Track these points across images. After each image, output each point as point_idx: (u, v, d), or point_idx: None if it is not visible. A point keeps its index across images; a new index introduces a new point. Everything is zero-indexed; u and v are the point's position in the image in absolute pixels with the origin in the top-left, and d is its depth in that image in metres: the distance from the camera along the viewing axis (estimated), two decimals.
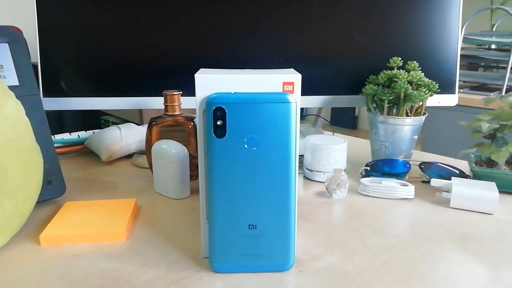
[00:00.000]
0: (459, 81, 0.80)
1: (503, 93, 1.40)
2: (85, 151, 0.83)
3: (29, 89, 0.61)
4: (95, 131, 0.83)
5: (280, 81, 0.41)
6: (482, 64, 1.61)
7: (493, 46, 1.58)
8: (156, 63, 0.73)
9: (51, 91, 0.72)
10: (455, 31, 0.75)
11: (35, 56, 0.73)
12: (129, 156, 0.80)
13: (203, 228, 0.45)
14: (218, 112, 0.39)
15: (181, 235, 0.51)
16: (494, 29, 1.65)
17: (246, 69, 0.45)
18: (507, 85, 1.41)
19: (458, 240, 0.50)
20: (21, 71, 0.60)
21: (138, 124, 0.82)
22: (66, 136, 0.80)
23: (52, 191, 0.59)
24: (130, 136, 0.77)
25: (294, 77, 0.41)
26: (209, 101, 0.39)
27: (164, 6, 0.71)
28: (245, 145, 0.40)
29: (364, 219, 0.55)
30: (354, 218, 0.55)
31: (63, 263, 0.45)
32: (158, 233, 0.51)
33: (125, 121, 2.59)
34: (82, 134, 0.82)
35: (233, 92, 0.40)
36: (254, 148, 0.40)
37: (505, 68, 1.46)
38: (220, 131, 0.40)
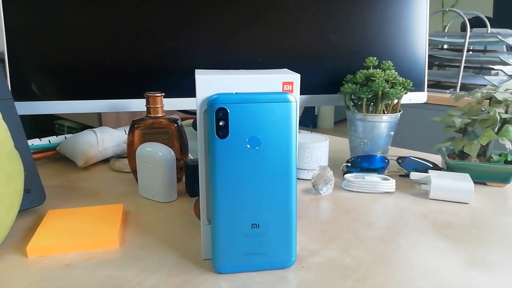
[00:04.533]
0: None
1: (458, 90, 1.50)
2: (57, 157, 0.79)
3: (0, 93, 0.57)
4: (67, 135, 0.79)
5: (280, 81, 0.42)
6: (436, 63, 1.70)
7: (445, 46, 1.68)
8: (133, 65, 0.71)
9: (21, 95, 0.68)
10: (423, 32, 0.79)
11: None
12: (105, 160, 0.78)
13: (203, 230, 0.44)
14: (220, 113, 0.39)
15: (176, 239, 0.50)
16: (446, 30, 1.75)
17: (242, 70, 0.46)
18: (460, 83, 1.50)
19: (442, 228, 0.53)
20: None
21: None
22: (35, 141, 0.76)
23: (32, 200, 0.56)
24: (106, 140, 0.75)
25: (293, 76, 0.42)
26: (211, 102, 0.39)
27: (139, 6, 0.69)
28: (247, 145, 0.40)
29: (353, 214, 0.57)
30: (343, 213, 0.57)
31: (56, 274, 0.43)
32: (151, 238, 0.50)
33: (82, 125, 2.49)
34: (53, 139, 0.78)
35: (234, 93, 0.40)
36: (257, 148, 0.40)
37: (457, 66, 1.56)
38: (222, 132, 0.40)
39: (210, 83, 0.40)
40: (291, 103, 0.40)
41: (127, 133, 0.80)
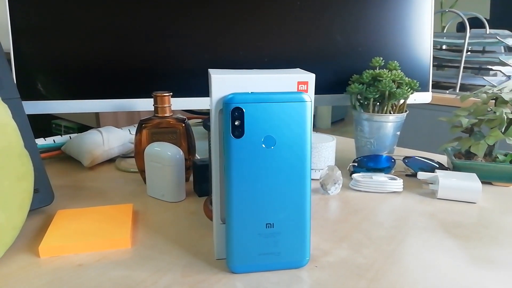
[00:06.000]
0: None
1: (457, 90, 1.50)
2: (61, 157, 0.79)
3: (8, 92, 0.57)
4: (72, 135, 0.79)
5: (295, 81, 0.42)
6: (435, 63, 1.71)
7: (443, 47, 1.69)
8: (139, 64, 0.70)
9: (27, 94, 0.67)
10: (427, 32, 0.79)
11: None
12: (110, 160, 0.77)
13: (217, 230, 0.44)
14: (236, 113, 0.39)
15: (187, 239, 0.50)
16: (445, 31, 1.76)
17: (256, 69, 0.46)
18: (460, 83, 1.51)
19: (451, 228, 0.53)
20: None
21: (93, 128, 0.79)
22: (40, 141, 0.76)
23: (40, 200, 0.56)
24: (112, 140, 0.75)
25: (308, 76, 0.42)
26: (226, 102, 0.39)
27: (145, 6, 0.69)
28: (263, 145, 0.40)
29: (362, 213, 0.57)
30: (352, 213, 0.57)
31: (69, 274, 0.42)
32: (162, 238, 0.50)
33: (79, 125, 2.47)
34: (58, 138, 0.77)
35: (250, 92, 0.40)
36: (272, 147, 0.40)
37: (455, 67, 1.57)
38: (237, 132, 0.40)
39: (226, 82, 0.40)
40: (306, 103, 0.40)
41: (134, 132, 0.80)
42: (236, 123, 0.39)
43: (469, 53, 1.59)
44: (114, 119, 2.12)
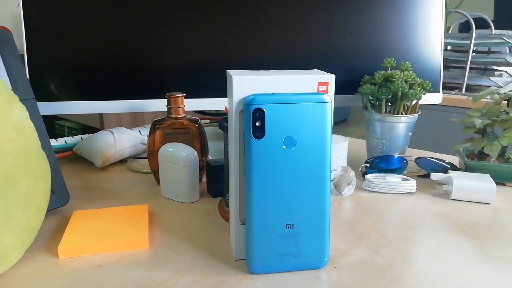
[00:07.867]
0: None
1: (463, 91, 1.50)
2: (72, 158, 0.79)
3: (23, 93, 0.57)
4: (83, 136, 0.79)
5: (315, 81, 0.42)
6: None
7: (448, 47, 1.69)
8: (151, 65, 0.71)
9: (40, 95, 0.68)
10: (438, 33, 0.79)
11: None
12: (122, 161, 0.77)
13: (235, 230, 0.44)
14: (257, 113, 0.39)
15: (204, 239, 0.50)
16: (450, 31, 1.76)
17: (274, 70, 0.46)
18: (466, 83, 1.51)
19: (466, 228, 0.53)
20: (13, 74, 0.57)
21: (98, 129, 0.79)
22: (52, 142, 0.76)
23: (56, 201, 0.56)
24: (124, 141, 0.75)
25: (328, 77, 0.42)
26: (248, 102, 0.39)
27: (159, 6, 0.69)
28: (283, 146, 0.40)
29: (376, 214, 0.57)
30: (367, 213, 0.57)
31: (89, 275, 0.42)
32: (179, 239, 0.50)
33: (82, 126, 2.47)
34: (69, 139, 0.78)
35: (270, 93, 0.40)
36: (292, 148, 0.40)
37: (461, 67, 1.57)
38: (258, 132, 0.40)
39: (246, 83, 0.40)
40: (327, 104, 0.40)
41: (144, 133, 0.80)
42: (257, 124, 0.40)
43: (474, 53, 1.59)
44: (118, 120, 2.12)
